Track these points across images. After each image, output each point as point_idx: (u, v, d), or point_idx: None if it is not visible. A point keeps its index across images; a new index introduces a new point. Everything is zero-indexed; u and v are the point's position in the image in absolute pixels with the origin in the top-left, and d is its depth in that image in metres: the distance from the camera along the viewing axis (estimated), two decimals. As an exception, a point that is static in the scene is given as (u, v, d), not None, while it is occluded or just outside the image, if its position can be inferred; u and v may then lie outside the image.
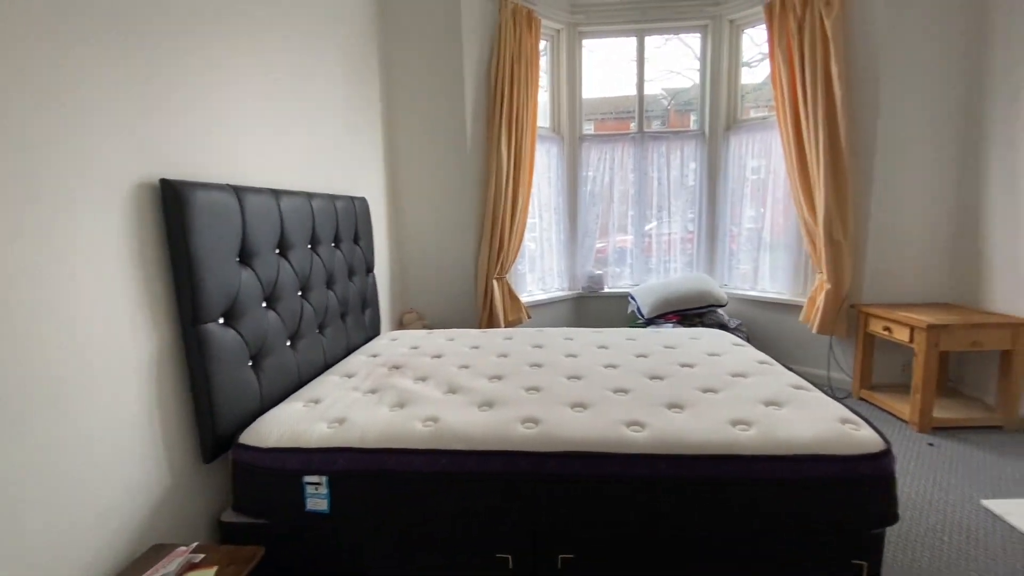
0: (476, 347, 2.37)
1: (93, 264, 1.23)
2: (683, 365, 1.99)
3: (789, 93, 3.19)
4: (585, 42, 3.85)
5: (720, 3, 3.62)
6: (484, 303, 3.30)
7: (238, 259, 1.64)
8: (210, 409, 1.50)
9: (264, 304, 1.77)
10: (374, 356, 2.25)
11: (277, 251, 1.87)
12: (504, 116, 3.22)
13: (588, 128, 4.06)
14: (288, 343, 1.91)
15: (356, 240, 2.55)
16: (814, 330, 3.16)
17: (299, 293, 2.01)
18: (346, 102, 2.60)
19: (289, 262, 1.92)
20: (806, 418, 1.44)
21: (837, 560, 1.34)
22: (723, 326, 3.41)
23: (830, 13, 2.95)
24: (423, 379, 1.94)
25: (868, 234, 3.07)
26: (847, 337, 3.17)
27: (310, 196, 2.11)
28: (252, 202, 1.69)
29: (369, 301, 2.68)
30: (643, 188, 3.95)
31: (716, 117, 3.78)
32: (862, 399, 3.07)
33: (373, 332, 2.72)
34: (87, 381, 1.21)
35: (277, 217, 1.83)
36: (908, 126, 2.97)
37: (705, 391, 1.71)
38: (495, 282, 3.30)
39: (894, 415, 2.82)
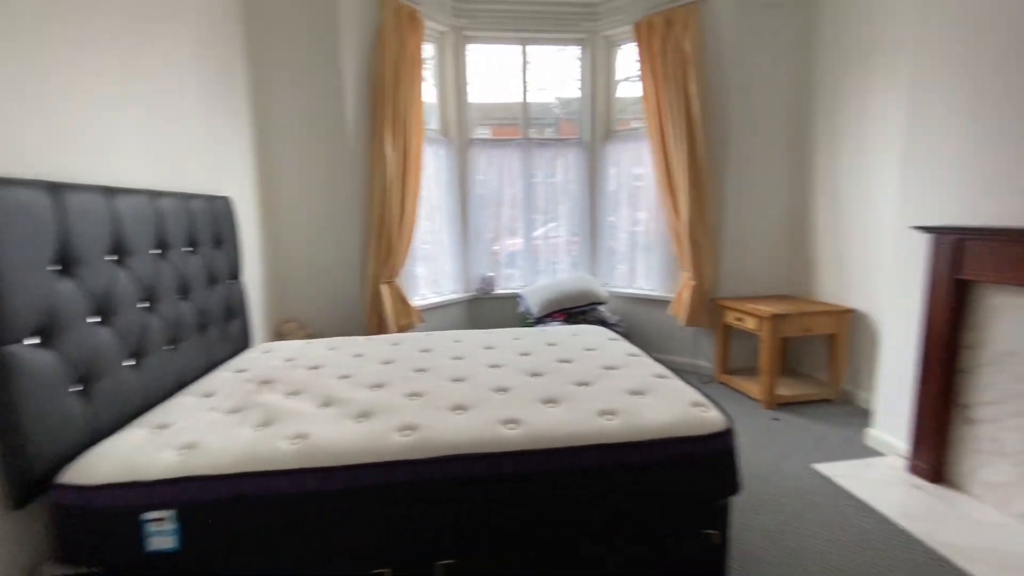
0: (360, 355, 2.27)
1: None
2: (562, 361, 2.07)
3: (656, 107, 3.47)
4: (471, 47, 3.88)
5: (596, 19, 3.84)
6: (372, 309, 3.18)
7: (57, 268, 1.41)
8: (20, 446, 1.27)
9: (95, 319, 1.54)
10: (241, 371, 2.06)
11: (112, 257, 1.64)
12: (389, 116, 3.13)
13: (484, 132, 4.09)
14: (130, 362, 1.68)
15: (218, 244, 2.32)
16: (682, 323, 3.47)
17: (143, 304, 1.77)
18: (204, 94, 2.35)
19: (128, 270, 1.69)
20: (664, 404, 1.56)
21: (690, 531, 1.47)
22: (604, 322, 3.62)
23: (687, 36, 3.27)
24: (296, 393, 1.81)
25: (724, 236, 3.44)
26: (709, 328, 3.52)
27: (156, 195, 1.88)
28: (74, 201, 1.46)
29: (236, 311, 2.45)
30: (530, 193, 4.07)
31: (595, 127, 4.01)
32: (722, 383, 3.43)
33: (242, 345, 2.50)
34: None
35: (109, 218, 1.60)
36: (753, 140, 3.37)
37: (579, 384, 1.79)
38: (384, 287, 3.19)
39: (747, 395, 3.19)
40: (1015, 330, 1.84)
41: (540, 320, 3.62)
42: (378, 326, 3.19)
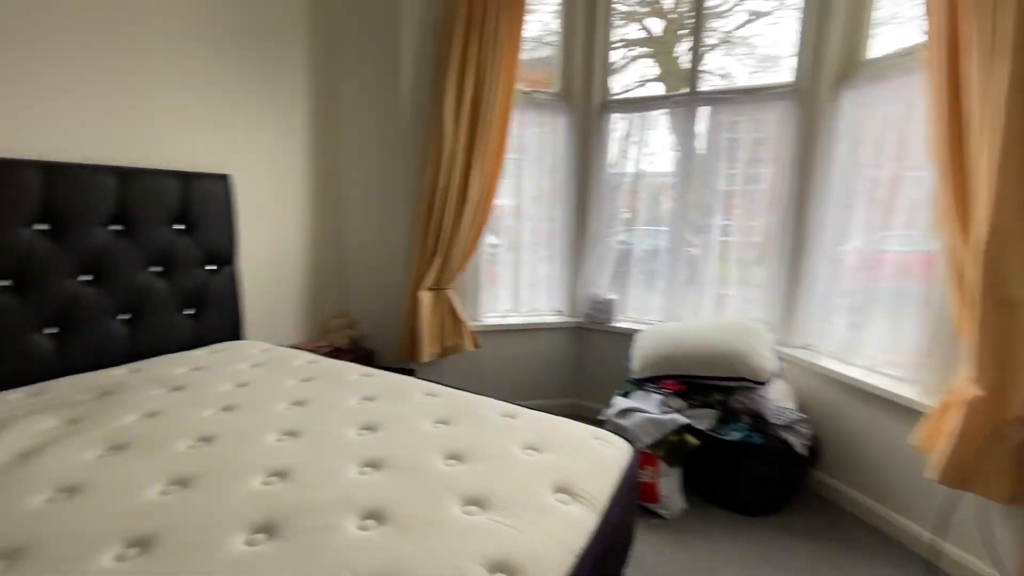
0: (306, 380, 1.72)
1: None
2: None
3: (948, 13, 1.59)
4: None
5: None
6: (407, 320, 2.56)
7: None
8: None
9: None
10: (136, 371, 1.78)
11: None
12: (455, 72, 2.38)
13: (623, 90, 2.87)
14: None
15: (196, 223, 2.08)
16: (934, 477, 1.57)
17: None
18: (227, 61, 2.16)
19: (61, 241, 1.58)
20: None
21: None
22: (759, 416, 2.02)
23: None
24: (152, 416, 1.40)
25: None
26: (1007, 501, 1.49)
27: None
28: None
29: (220, 297, 2.20)
30: (688, 176, 2.62)
31: (818, 61, 2.24)
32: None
33: (223, 334, 2.22)
34: None
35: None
36: None
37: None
38: (426, 294, 2.52)
39: None
40: None
41: (642, 383, 2.28)
42: (411, 343, 2.54)
